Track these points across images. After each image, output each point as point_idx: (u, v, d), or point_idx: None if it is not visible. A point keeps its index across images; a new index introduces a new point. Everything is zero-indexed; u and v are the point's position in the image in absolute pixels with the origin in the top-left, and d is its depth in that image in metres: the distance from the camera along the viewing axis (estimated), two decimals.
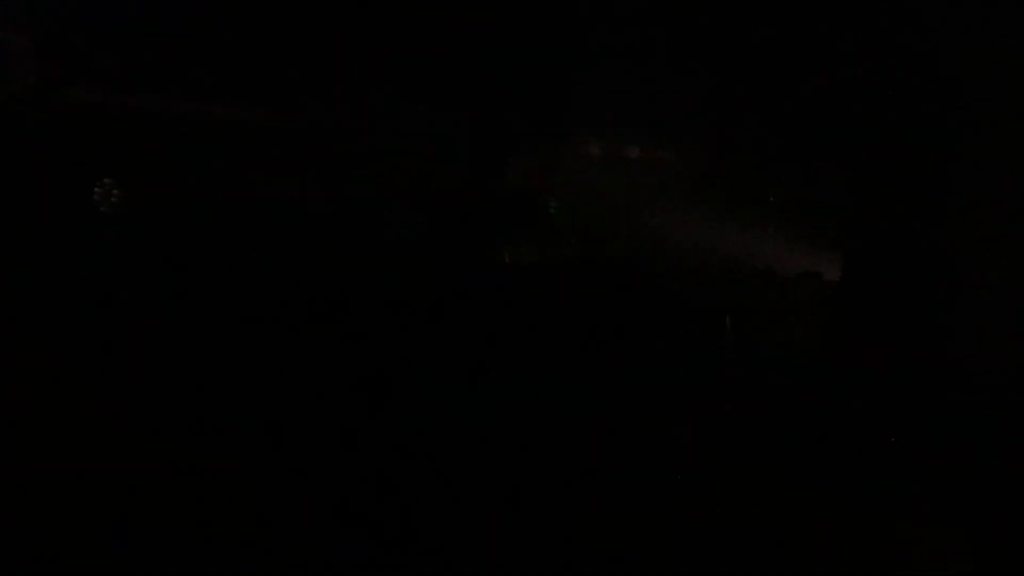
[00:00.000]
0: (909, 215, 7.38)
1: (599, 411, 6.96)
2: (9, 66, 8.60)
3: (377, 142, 8.84)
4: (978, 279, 6.85)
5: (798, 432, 7.34)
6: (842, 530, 5.58)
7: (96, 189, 8.14)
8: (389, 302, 7.75)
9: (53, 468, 5.05)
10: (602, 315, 8.14)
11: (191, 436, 5.66)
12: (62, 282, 7.41)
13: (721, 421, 7.17)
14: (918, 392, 7.02)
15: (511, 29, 9.01)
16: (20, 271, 7.43)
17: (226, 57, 8.74)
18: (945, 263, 6.45)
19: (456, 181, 8.63)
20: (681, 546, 5.21)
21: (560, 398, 7.04)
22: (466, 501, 5.31)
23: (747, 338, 8.37)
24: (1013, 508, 5.91)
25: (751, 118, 9.18)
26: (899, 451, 6.61)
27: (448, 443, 6.10)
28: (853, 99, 7.94)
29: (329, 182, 8.68)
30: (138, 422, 5.71)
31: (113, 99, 8.42)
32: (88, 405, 5.81)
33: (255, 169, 8.49)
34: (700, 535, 5.28)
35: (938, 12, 7.25)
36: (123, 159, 8.20)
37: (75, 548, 4.49)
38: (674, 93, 9.28)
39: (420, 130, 8.81)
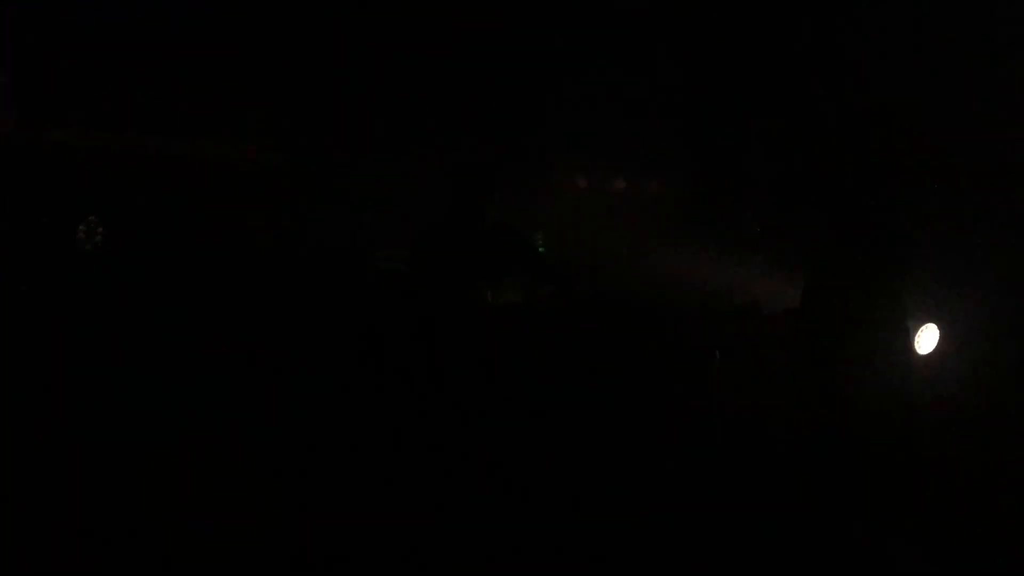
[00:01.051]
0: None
1: (586, 449, 6.90)
2: None
3: (360, 178, 8.84)
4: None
5: (788, 469, 7.31)
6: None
7: (80, 227, 8.04)
8: (372, 341, 7.68)
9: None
10: (589, 351, 8.10)
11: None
12: (47, 319, 7.30)
13: (711, 457, 7.13)
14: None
15: (495, 65, 9.10)
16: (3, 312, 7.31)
17: (209, 96, 8.75)
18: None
19: (440, 217, 8.61)
20: None
21: (546, 438, 6.97)
22: (439, 551, 5.20)
23: (735, 373, 8.35)
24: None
25: (737, 150, 9.29)
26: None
27: (427, 488, 6.01)
28: (838, 134, 8.03)
29: (311, 219, 8.64)
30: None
31: (95, 138, 8.37)
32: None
33: (238, 207, 8.45)
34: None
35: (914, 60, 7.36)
36: (105, 198, 8.12)
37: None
38: (660, 127, 9.37)
39: (403, 167, 8.83)
